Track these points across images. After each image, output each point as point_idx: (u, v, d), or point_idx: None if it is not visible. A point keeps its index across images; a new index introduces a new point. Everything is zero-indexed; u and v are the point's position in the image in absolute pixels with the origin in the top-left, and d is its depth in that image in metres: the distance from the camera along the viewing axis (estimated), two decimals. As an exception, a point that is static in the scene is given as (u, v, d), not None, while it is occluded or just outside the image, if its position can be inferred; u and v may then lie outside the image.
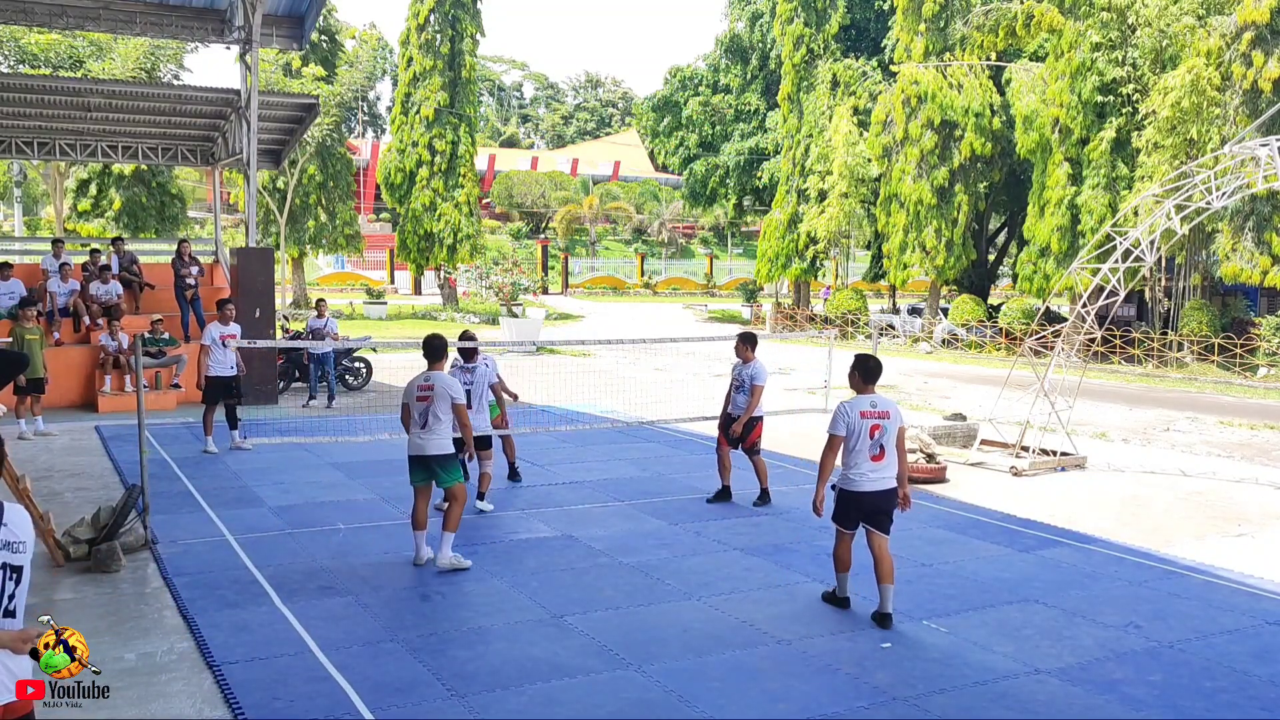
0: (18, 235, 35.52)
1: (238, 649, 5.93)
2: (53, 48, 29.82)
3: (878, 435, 6.49)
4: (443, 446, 7.50)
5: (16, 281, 15.77)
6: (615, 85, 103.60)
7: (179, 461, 11.40)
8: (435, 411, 7.43)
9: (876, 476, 6.54)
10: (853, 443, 6.51)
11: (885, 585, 6.57)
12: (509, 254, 47.26)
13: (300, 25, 18.38)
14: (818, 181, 34.63)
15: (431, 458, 7.49)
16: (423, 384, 7.49)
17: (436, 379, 7.49)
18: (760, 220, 46.89)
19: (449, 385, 7.50)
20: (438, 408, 7.42)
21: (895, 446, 6.57)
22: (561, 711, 5.23)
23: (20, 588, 3.15)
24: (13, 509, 3.22)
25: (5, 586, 3.09)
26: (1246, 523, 9.91)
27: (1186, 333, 26.12)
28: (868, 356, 6.85)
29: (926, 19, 31.30)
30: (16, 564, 3.14)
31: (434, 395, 7.42)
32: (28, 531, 3.23)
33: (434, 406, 7.42)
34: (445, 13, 37.12)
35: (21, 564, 3.16)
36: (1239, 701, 5.53)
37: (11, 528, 3.13)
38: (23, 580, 3.16)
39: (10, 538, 3.12)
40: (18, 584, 3.13)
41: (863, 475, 6.52)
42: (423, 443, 7.47)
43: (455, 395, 7.47)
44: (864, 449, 6.49)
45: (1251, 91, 24.02)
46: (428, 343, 7.59)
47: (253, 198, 17.32)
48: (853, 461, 6.54)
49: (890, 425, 6.54)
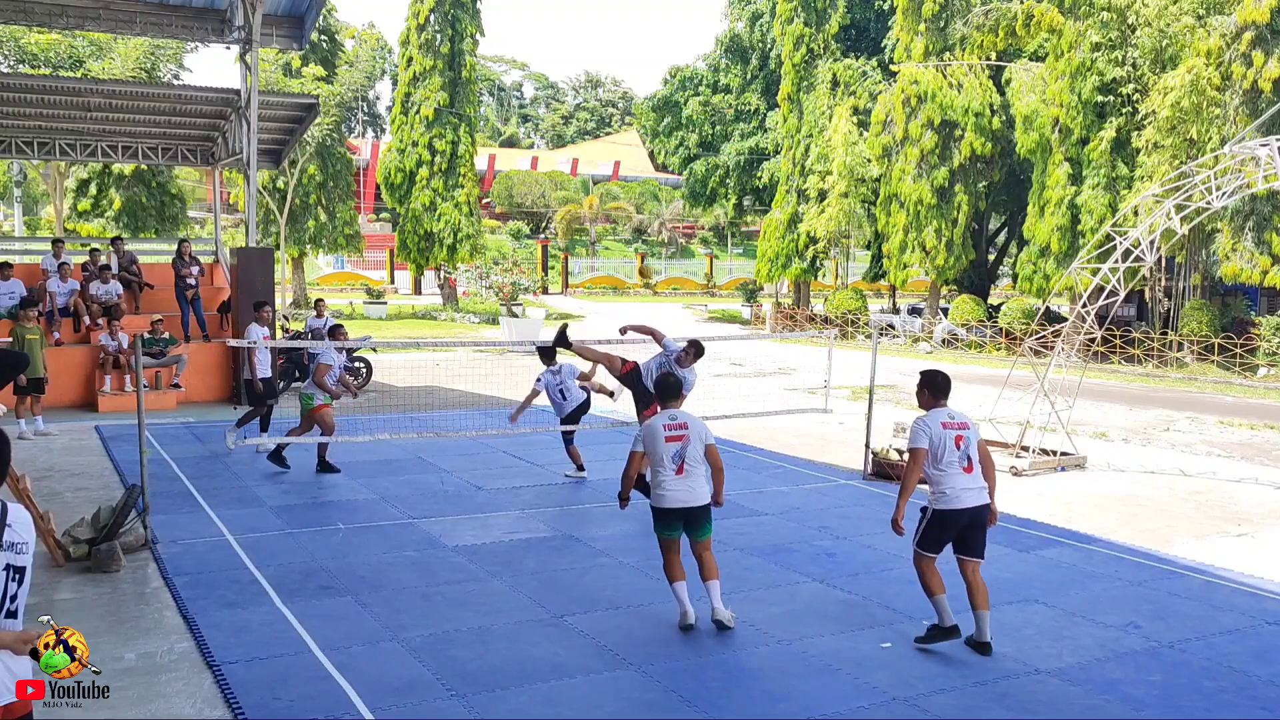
0: (18, 235, 35.51)
1: (238, 649, 5.93)
2: (53, 48, 29.83)
3: (963, 446, 6.11)
4: (705, 495, 6.41)
5: (17, 282, 15.78)
6: (615, 85, 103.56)
7: (179, 461, 11.40)
8: (690, 455, 6.35)
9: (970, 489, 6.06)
10: (940, 455, 6.06)
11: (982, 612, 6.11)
12: (509, 254, 47.28)
13: (300, 25, 18.38)
14: (818, 181, 34.64)
15: (699, 508, 6.38)
16: (669, 423, 6.41)
17: (688, 418, 6.47)
18: (760, 220, 46.90)
19: (702, 427, 6.48)
20: (693, 451, 6.36)
21: (981, 459, 6.16)
22: (561, 711, 5.23)
23: (22, 589, 3.16)
24: (16, 509, 3.23)
25: (8, 588, 3.10)
26: (1246, 523, 9.91)
27: (1186, 333, 26.12)
28: (936, 371, 6.45)
29: (926, 19, 31.29)
30: (20, 565, 3.15)
31: (689, 435, 6.38)
32: (30, 533, 3.24)
33: (689, 448, 6.35)
34: (445, 12, 37.12)
35: (24, 565, 3.17)
36: (1239, 701, 5.53)
37: (16, 529, 3.15)
38: (24, 581, 3.17)
39: (14, 539, 3.13)
40: (20, 585, 3.14)
41: (956, 490, 6.02)
42: (690, 493, 6.32)
43: (708, 437, 6.49)
44: (953, 461, 6.05)
45: (1251, 91, 24.01)
46: (660, 383, 6.71)
47: (253, 198, 17.32)
48: (941, 477, 6.06)
49: (972, 436, 6.18)
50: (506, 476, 11.00)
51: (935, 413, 6.26)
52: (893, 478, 11.17)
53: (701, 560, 6.41)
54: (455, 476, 10.89)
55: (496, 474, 11.16)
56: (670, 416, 6.46)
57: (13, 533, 3.14)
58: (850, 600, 7.07)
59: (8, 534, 3.12)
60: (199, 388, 16.38)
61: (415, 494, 10.09)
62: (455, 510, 9.47)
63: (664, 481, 6.32)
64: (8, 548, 3.12)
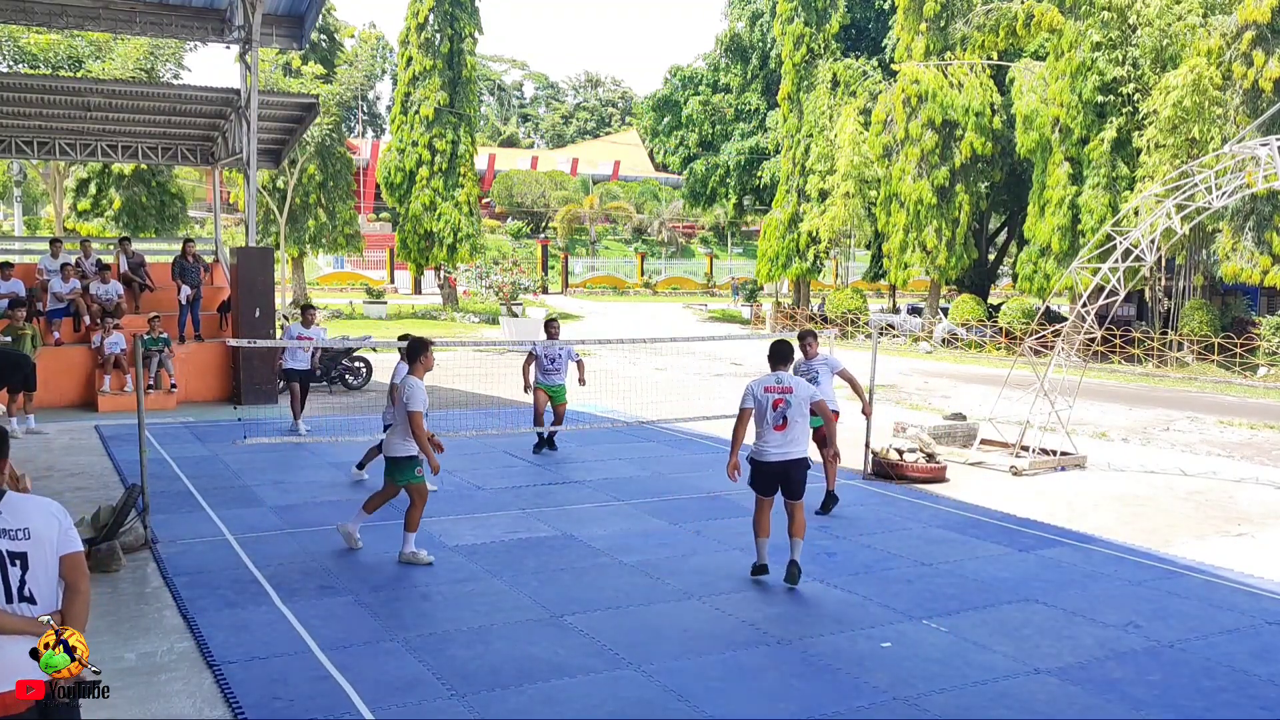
0: (18, 235, 35.50)
1: (238, 649, 5.93)
2: (52, 48, 29.80)
3: (780, 408, 7.14)
4: (396, 449, 7.58)
5: (17, 282, 15.76)
6: (615, 85, 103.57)
7: (179, 461, 11.40)
8: (398, 415, 7.46)
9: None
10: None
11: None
12: (509, 254, 47.27)
13: (300, 25, 18.37)
14: (818, 181, 34.63)
15: (390, 459, 7.61)
16: (395, 384, 7.53)
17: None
18: (760, 220, 46.88)
19: (412, 391, 7.37)
20: (400, 413, 7.42)
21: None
22: (561, 711, 5.23)
23: (30, 574, 3.25)
24: (12, 498, 3.31)
25: (8, 572, 3.21)
26: (1246, 522, 9.91)
27: (1186, 332, 26.12)
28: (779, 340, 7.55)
29: (927, 18, 31.27)
30: (17, 550, 3.25)
31: (397, 396, 7.45)
32: (35, 519, 3.31)
33: (398, 410, 7.43)
34: (444, 12, 37.10)
35: (23, 550, 3.25)
36: (1239, 701, 5.53)
37: (7, 515, 3.26)
38: (31, 566, 3.26)
39: (6, 525, 3.25)
40: (24, 570, 3.24)
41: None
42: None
43: (410, 402, 7.32)
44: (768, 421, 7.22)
45: (1252, 91, 24.01)
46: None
47: (253, 197, 17.31)
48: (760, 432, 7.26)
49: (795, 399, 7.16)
50: (506, 476, 11.00)
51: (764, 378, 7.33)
52: (893, 478, 11.18)
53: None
54: (455, 476, 10.89)
55: (496, 474, 11.16)
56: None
57: (2, 520, 3.25)
58: (850, 600, 7.07)
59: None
60: (199, 388, 16.38)
61: (415, 494, 10.07)
62: (455, 510, 9.47)
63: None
64: (1, 534, 3.23)
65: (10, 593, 3.23)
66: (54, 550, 3.34)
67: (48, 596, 3.32)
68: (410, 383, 7.40)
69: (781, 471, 7.23)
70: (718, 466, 11.78)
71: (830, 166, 34.24)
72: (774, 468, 7.22)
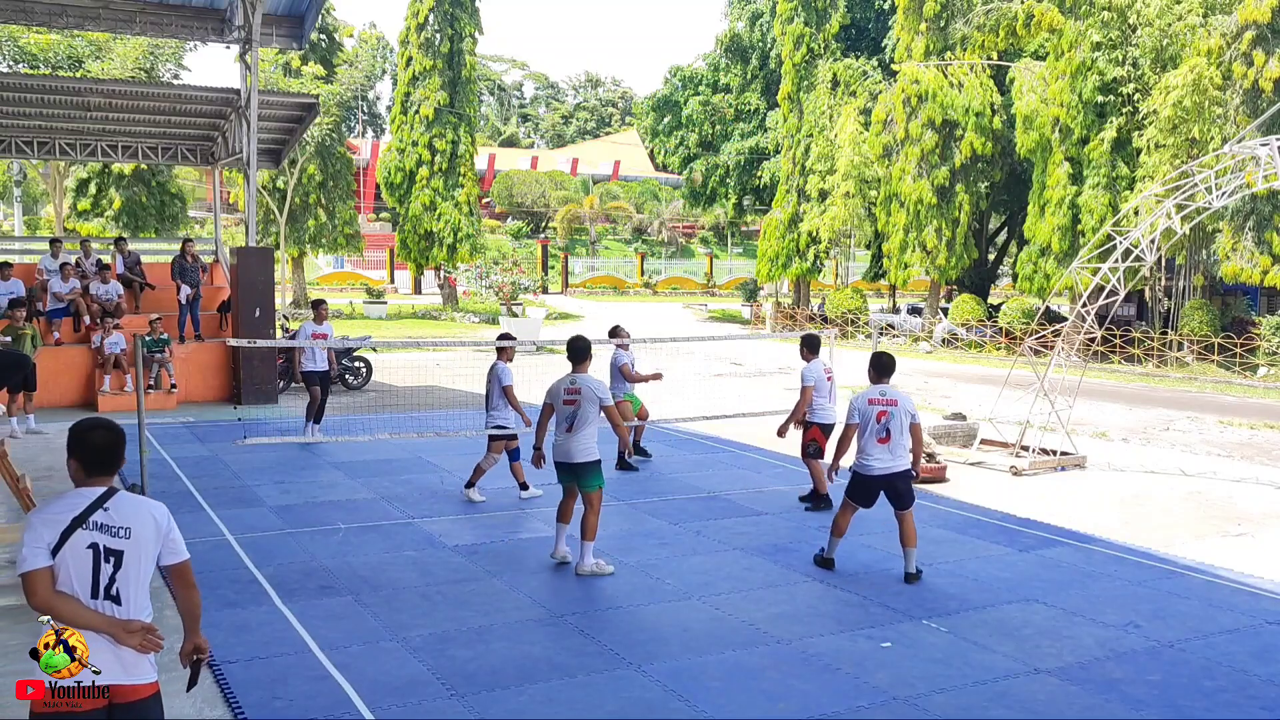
0: (18, 235, 35.50)
1: (238, 649, 5.93)
2: (52, 48, 29.81)
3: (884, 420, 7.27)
4: (589, 453, 7.37)
5: (17, 281, 15.76)
6: (615, 85, 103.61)
7: (179, 461, 11.40)
8: (583, 416, 7.31)
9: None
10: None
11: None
12: (509, 254, 47.25)
13: (300, 25, 18.37)
14: (818, 181, 34.63)
15: (578, 465, 7.37)
16: (569, 387, 7.37)
17: (583, 382, 7.38)
18: (760, 220, 46.88)
19: (596, 388, 7.38)
20: (585, 411, 7.31)
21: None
22: (561, 711, 5.23)
23: (122, 573, 3.31)
24: (124, 497, 3.39)
25: (100, 568, 3.27)
26: (1246, 522, 9.90)
27: (1186, 332, 26.12)
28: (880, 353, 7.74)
29: (927, 19, 31.27)
30: (115, 548, 3.31)
31: (581, 399, 7.30)
32: (140, 521, 3.37)
33: (581, 410, 7.30)
34: (444, 12, 37.11)
35: (120, 549, 3.31)
36: (1239, 701, 5.53)
37: (113, 513, 3.33)
38: (124, 565, 3.31)
39: (108, 521, 3.32)
40: (117, 568, 3.30)
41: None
42: (569, 448, 7.34)
43: (604, 398, 7.38)
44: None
45: (1252, 91, 24.02)
46: (571, 344, 7.56)
47: (253, 197, 17.31)
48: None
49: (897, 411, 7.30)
50: (507, 476, 10.97)
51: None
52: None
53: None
54: (455, 476, 10.89)
55: (497, 474, 11.15)
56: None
57: (107, 515, 3.32)
58: (850, 600, 7.07)
59: (100, 515, 3.30)
60: (199, 388, 16.38)
61: (415, 494, 10.09)
62: (455, 510, 9.47)
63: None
64: (98, 527, 3.29)
65: (97, 588, 3.26)
66: (152, 553, 3.40)
67: (134, 599, 3.34)
68: (594, 381, 7.43)
69: (887, 484, 7.37)
70: (718, 466, 11.80)
71: (830, 166, 34.24)
72: (879, 481, 7.37)
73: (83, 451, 3.38)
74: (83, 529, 3.25)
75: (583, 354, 7.53)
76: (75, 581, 3.23)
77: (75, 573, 3.23)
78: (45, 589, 3.19)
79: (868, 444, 7.32)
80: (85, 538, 3.25)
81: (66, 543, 3.22)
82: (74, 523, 3.24)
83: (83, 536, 3.25)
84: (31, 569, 3.18)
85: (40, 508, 3.39)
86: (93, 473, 3.37)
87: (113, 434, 3.42)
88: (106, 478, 3.39)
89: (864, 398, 7.37)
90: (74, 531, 3.23)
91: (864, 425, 7.31)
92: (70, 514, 3.25)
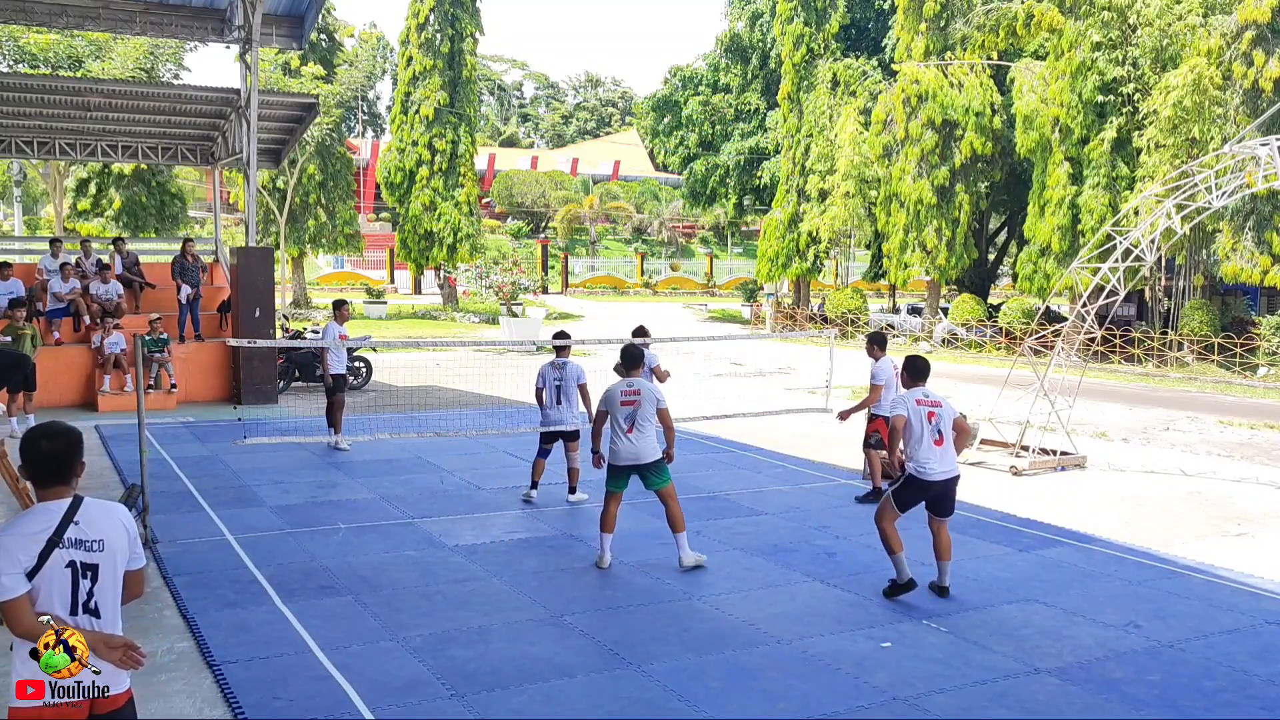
0: (18, 235, 35.50)
1: (238, 649, 5.93)
2: (52, 48, 29.80)
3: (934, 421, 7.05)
4: (655, 451, 7.63)
5: (17, 281, 15.76)
6: (615, 85, 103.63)
7: (179, 461, 11.41)
8: (643, 415, 7.55)
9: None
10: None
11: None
12: (509, 254, 47.25)
13: (300, 25, 18.37)
14: (818, 181, 34.63)
15: (649, 464, 7.59)
16: (626, 389, 7.61)
17: (641, 384, 7.65)
18: (760, 220, 46.87)
19: (655, 390, 7.67)
20: (645, 411, 7.55)
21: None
22: (561, 711, 5.23)
23: (99, 586, 3.24)
24: (92, 505, 3.30)
25: (79, 584, 3.20)
26: (1246, 522, 9.90)
27: (1186, 332, 26.12)
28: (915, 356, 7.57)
29: (927, 18, 31.28)
30: (90, 562, 3.23)
31: (640, 399, 7.55)
32: (110, 531, 3.29)
33: (641, 410, 7.54)
34: (445, 12, 37.10)
35: (96, 563, 3.24)
36: (1239, 701, 5.53)
37: (84, 526, 3.24)
38: (100, 578, 3.24)
39: (81, 536, 3.23)
40: (94, 582, 3.23)
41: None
42: (639, 450, 7.55)
43: (660, 399, 7.64)
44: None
45: (1252, 91, 24.01)
46: (626, 351, 7.84)
47: (253, 197, 17.31)
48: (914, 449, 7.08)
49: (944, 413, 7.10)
50: (506, 476, 10.99)
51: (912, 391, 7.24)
52: (894, 477, 11.15)
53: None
54: (455, 476, 10.89)
55: (496, 474, 11.16)
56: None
57: (80, 530, 3.23)
58: (850, 600, 7.07)
59: (73, 530, 3.21)
60: (199, 388, 16.38)
61: (415, 494, 10.09)
62: (455, 510, 9.47)
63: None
64: (73, 544, 3.21)
65: (76, 605, 3.20)
66: (123, 562, 3.33)
67: (111, 609, 3.29)
68: (650, 384, 7.79)
69: (942, 490, 7.08)
70: (718, 466, 11.79)
71: (830, 166, 34.24)
72: (936, 487, 7.04)
73: (32, 465, 3.26)
74: (59, 549, 3.16)
75: (636, 360, 7.80)
76: (55, 600, 3.16)
77: (55, 592, 3.16)
78: (28, 615, 3.12)
79: (923, 448, 7.01)
80: (63, 557, 3.17)
81: (45, 565, 3.14)
82: (49, 544, 3.15)
83: (60, 556, 3.16)
84: (10, 598, 3.09)
85: (8, 526, 3.27)
86: (47, 484, 3.25)
87: (59, 442, 3.27)
88: (64, 488, 3.26)
89: (910, 397, 7.17)
90: (51, 553, 3.15)
91: (917, 427, 7.05)
92: (44, 533, 3.16)
